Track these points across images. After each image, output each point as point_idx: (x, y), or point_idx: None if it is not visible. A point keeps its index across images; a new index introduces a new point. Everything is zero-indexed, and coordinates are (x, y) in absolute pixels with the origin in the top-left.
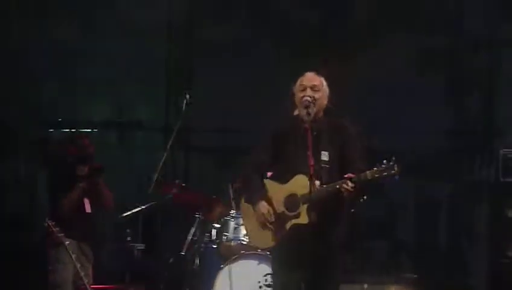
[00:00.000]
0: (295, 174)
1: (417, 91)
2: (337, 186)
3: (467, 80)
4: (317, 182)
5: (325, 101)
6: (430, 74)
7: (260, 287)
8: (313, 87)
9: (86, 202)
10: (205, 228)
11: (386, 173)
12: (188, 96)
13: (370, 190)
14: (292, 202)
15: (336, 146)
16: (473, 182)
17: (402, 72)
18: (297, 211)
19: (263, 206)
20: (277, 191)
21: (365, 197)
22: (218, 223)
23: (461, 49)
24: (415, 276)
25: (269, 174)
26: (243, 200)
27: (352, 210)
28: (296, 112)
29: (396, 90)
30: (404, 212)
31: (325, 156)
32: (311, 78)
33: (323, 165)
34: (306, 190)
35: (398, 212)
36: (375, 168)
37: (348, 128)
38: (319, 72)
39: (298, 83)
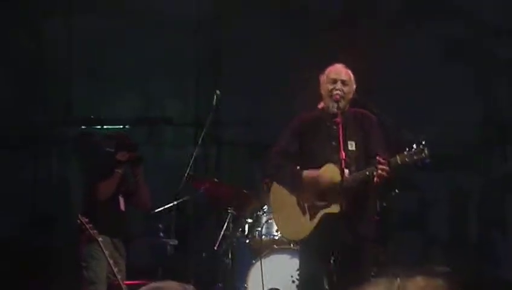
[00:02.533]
0: (323, 165)
1: (447, 82)
2: (367, 173)
3: (498, 71)
4: (347, 171)
5: (351, 95)
6: (460, 65)
7: (293, 281)
8: (344, 81)
9: (121, 199)
10: (237, 223)
11: (416, 157)
12: (218, 92)
13: (401, 183)
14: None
15: (361, 136)
16: (505, 173)
17: (431, 62)
18: (329, 201)
19: (322, 174)
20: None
21: (396, 190)
22: (250, 218)
23: (491, 39)
24: (448, 269)
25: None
26: (271, 193)
27: (385, 204)
28: (321, 104)
29: (426, 82)
30: (436, 205)
31: (351, 146)
32: (340, 71)
33: (350, 155)
34: (337, 179)
35: (430, 205)
36: (405, 152)
37: (372, 119)
38: (347, 65)
39: (327, 74)
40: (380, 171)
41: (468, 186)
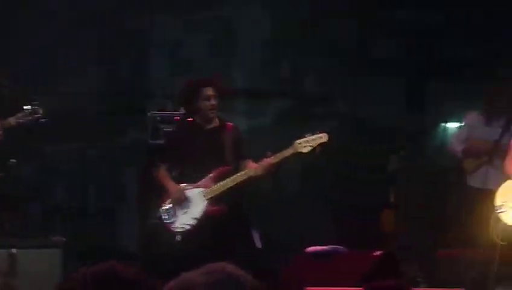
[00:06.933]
0: None
1: (70, 51)
2: None
3: (120, 41)
4: None
5: None
6: (84, 34)
7: None
8: None
9: None
10: None
11: (30, 117)
12: None
13: (19, 151)
14: None
15: None
16: (125, 144)
17: (56, 30)
18: None
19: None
20: None
21: (13, 159)
22: None
23: (112, 10)
24: (64, 239)
25: None
26: None
27: (1, 174)
28: None
29: (49, 50)
30: (56, 175)
31: None
32: None
33: None
34: None
35: (50, 174)
36: (18, 114)
37: None
38: None
39: None
40: None
41: (91, 157)
